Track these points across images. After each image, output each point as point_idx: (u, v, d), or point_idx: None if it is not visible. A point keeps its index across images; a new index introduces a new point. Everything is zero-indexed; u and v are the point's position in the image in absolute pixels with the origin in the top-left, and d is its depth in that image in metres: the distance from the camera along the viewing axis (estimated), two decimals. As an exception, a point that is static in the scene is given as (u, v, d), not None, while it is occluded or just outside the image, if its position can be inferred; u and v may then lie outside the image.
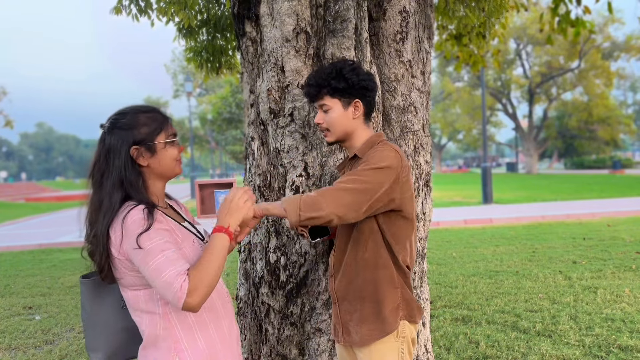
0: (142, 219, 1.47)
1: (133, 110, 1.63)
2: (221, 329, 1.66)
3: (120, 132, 1.57)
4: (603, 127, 37.23)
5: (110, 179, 1.55)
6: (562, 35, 4.59)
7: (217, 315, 1.66)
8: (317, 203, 1.71)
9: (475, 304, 4.96)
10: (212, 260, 1.47)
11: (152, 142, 1.60)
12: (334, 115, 1.89)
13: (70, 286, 6.61)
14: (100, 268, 1.55)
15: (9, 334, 4.70)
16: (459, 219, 11.56)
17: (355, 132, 1.93)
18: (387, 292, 1.88)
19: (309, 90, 1.93)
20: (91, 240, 1.55)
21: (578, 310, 4.62)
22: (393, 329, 1.87)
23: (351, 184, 1.75)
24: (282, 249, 2.51)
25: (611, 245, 7.68)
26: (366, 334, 1.88)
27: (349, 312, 1.94)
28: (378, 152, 1.83)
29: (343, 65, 1.89)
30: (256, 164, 2.68)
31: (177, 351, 1.56)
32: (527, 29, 34.98)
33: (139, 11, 4.73)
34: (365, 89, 1.89)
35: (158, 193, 1.67)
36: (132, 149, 1.57)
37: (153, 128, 1.61)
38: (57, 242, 11.02)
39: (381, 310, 1.87)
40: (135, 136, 1.58)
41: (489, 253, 7.67)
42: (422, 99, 2.74)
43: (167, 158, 1.63)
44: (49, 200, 31.15)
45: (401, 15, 2.62)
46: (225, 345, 1.66)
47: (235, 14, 2.67)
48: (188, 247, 1.59)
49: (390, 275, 1.89)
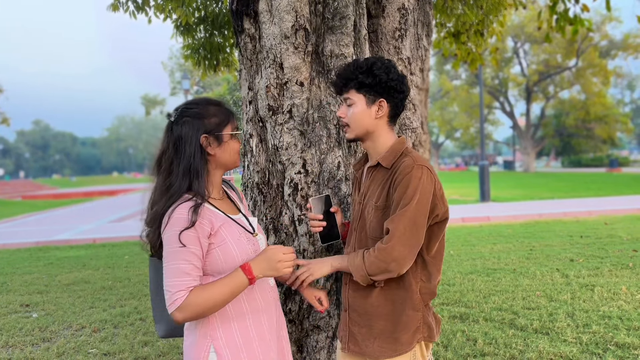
0: (186, 218, 1.55)
1: (203, 101, 1.72)
2: (259, 323, 1.71)
3: (191, 120, 1.65)
4: (600, 125, 37.30)
5: (182, 165, 1.63)
6: (560, 34, 4.59)
7: (257, 308, 1.71)
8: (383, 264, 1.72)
9: (472, 302, 4.97)
10: (222, 292, 1.54)
11: (220, 132, 1.68)
12: (356, 110, 1.82)
13: (67, 284, 6.60)
14: (153, 244, 1.68)
15: (6, 331, 4.69)
16: (457, 217, 11.57)
17: (377, 132, 1.84)
18: (406, 315, 1.79)
19: (336, 82, 1.86)
20: (149, 222, 1.66)
21: (575, 307, 4.63)
22: (407, 350, 1.78)
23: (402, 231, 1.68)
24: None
25: (608, 243, 7.70)
26: (377, 349, 1.80)
27: (358, 324, 1.86)
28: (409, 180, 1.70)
29: (375, 61, 1.80)
30: (254, 161, 2.67)
31: (213, 338, 1.62)
32: (525, 27, 35.01)
33: (137, 8, 4.72)
34: (394, 89, 1.80)
35: (216, 183, 1.74)
36: (202, 137, 1.65)
37: (221, 119, 1.69)
38: (54, 239, 10.99)
39: (396, 330, 1.79)
40: (206, 125, 1.66)
41: (487, 251, 7.68)
42: (420, 96, 2.74)
43: (231, 149, 1.71)
44: (46, 198, 31.07)
45: (400, 12, 2.62)
46: (262, 339, 1.70)
47: (234, 11, 2.66)
48: (234, 239, 1.65)
49: (413, 296, 1.79)
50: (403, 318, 1.79)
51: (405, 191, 1.70)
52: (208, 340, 1.62)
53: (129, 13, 4.71)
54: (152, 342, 4.28)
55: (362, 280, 1.77)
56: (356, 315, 1.87)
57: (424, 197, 1.69)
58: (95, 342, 4.34)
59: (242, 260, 1.64)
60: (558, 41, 31.00)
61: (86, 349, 4.18)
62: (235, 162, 1.74)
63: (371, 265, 1.72)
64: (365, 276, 1.75)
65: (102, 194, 32.61)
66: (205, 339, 1.62)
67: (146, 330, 4.59)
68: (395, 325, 1.79)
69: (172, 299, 1.50)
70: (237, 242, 1.66)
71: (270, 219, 2.54)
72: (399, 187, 1.72)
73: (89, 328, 4.72)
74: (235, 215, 1.76)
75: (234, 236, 1.66)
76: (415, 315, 1.80)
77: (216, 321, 1.63)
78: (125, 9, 4.68)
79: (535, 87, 39.41)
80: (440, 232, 1.81)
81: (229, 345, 1.62)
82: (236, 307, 1.66)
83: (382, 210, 1.79)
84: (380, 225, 1.79)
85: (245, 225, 1.76)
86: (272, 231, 2.54)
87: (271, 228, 2.54)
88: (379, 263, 1.71)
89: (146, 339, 4.35)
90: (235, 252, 1.63)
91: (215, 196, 1.73)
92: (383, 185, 1.80)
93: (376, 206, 1.80)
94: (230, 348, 1.62)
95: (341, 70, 1.86)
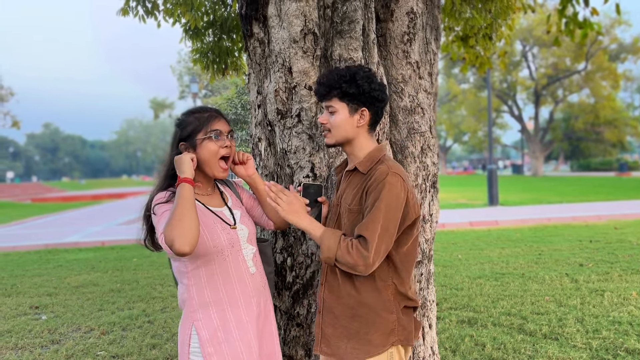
0: (163, 196, 1.85)
1: (188, 111, 1.96)
2: (237, 308, 1.88)
3: (175, 129, 1.95)
4: (610, 129, 37.07)
5: (165, 166, 1.95)
6: (570, 37, 4.56)
7: (234, 295, 1.89)
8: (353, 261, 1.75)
9: (481, 306, 4.94)
10: (176, 212, 1.68)
11: (193, 139, 1.90)
12: (338, 118, 1.86)
13: (76, 286, 6.64)
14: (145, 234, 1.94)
15: (16, 333, 4.72)
16: (465, 221, 11.53)
17: (357, 139, 1.90)
18: (380, 317, 1.82)
19: (319, 89, 1.90)
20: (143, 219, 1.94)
21: (585, 313, 4.59)
22: (379, 352, 1.81)
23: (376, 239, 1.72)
24: (289, 249, 2.51)
25: (618, 248, 7.64)
26: (349, 351, 1.82)
27: (333, 325, 1.88)
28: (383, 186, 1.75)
29: (357, 70, 1.85)
30: (263, 165, 2.68)
31: (194, 319, 1.84)
32: (533, 30, 34.90)
33: (146, 12, 4.75)
34: (375, 99, 1.85)
35: (202, 180, 1.97)
36: (180, 144, 1.92)
37: (195, 126, 1.90)
38: (63, 242, 11.06)
39: (369, 332, 1.81)
40: (182, 134, 1.92)
41: (495, 255, 7.64)
42: (429, 100, 2.73)
43: (205, 152, 1.90)
44: (55, 201, 31.30)
45: (409, 17, 2.62)
46: (239, 322, 1.87)
47: (243, 15, 2.68)
48: (206, 227, 1.85)
49: (387, 299, 1.83)
50: (377, 319, 1.82)
51: (378, 197, 1.74)
52: (190, 321, 1.85)
53: (139, 17, 4.74)
54: (160, 344, 4.29)
55: (325, 259, 1.81)
56: (332, 317, 1.89)
57: (396, 205, 1.75)
58: (104, 344, 4.36)
59: (214, 245, 1.84)
60: (567, 44, 30.83)
61: (94, 351, 4.20)
62: (211, 158, 1.90)
63: (343, 255, 1.75)
64: (332, 259, 1.79)
65: (111, 196, 32.77)
66: (189, 320, 1.85)
67: (154, 333, 4.60)
68: (369, 326, 1.82)
69: (164, 246, 1.69)
70: (209, 229, 1.85)
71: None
72: (372, 193, 1.77)
73: (98, 330, 4.74)
74: (219, 207, 1.96)
75: (208, 224, 1.86)
76: (389, 317, 1.83)
77: (196, 304, 1.85)
78: (134, 14, 4.71)
79: (544, 90, 39.23)
80: (410, 237, 1.86)
81: (206, 326, 1.83)
82: (214, 294, 1.86)
83: (356, 213, 1.84)
84: (352, 227, 1.83)
85: (224, 218, 1.94)
86: (280, 234, 2.55)
87: (279, 232, 2.55)
88: (351, 259, 1.74)
89: (154, 341, 4.36)
90: (206, 236, 1.83)
91: (201, 192, 1.96)
92: (358, 189, 1.85)
93: (349, 209, 1.86)
94: (208, 329, 1.82)
95: (324, 78, 1.89)
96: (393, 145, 2.63)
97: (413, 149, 2.61)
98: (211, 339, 1.81)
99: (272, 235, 2.58)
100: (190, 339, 1.82)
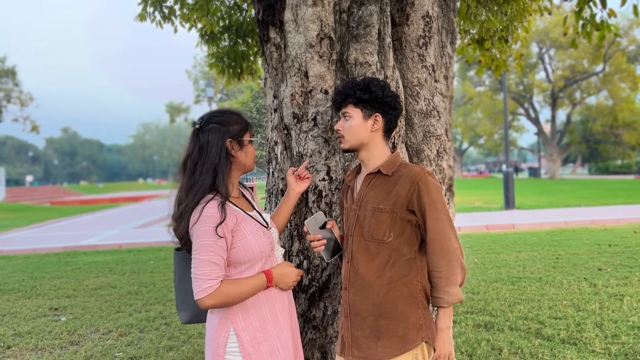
0: (216, 214, 1.76)
1: (226, 111, 1.97)
2: (273, 307, 1.92)
3: (218, 127, 1.88)
4: (629, 131, 36.52)
5: (205, 165, 1.85)
6: (587, 39, 4.52)
7: (271, 296, 1.91)
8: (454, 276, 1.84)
9: (497, 310, 4.91)
10: (247, 289, 1.81)
11: (242, 137, 1.93)
12: (353, 123, 1.95)
13: (95, 288, 6.72)
14: (181, 237, 1.85)
15: (35, 334, 4.80)
16: (481, 225, 11.44)
17: (372, 144, 1.97)
18: (409, 312, 1.86)
19: (336, 98, 2.02)
20: (177, 217, 1.86)
21: (604, 317, 4.54)
22: (412, 347, 1.83)
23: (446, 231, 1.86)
24: (305, 252, 2.53)
25: (637, 252, 7.52)
26: (380, 350, 1.84)
27: (361, 327, 1.90)
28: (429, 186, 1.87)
29: (372, 80, 1.96)
30: (279, 168, 2.70)
31: (232, 322, 1.84)
32: (550, 32, 34.58)
33: (163, 18, 4.82)
34: (388, 105, 1.95)
35: (234, 183, 1.97)
36: (227, 141, 1.88)
37: (242, 126, 1.94)
38: (82, 245, 11.21)
39: (401, 327, 1.85)
40: (230, 131, 1.90)
41: (511, 259, 7.58)
42: (445, 103, 2.73)
43: (250, 153, 1.96)
44: (74, 204, 31.73)
45: (424, 20, 2.63)
46: (276, 321, 1.91)
47: (260, 20, 2.70)
48: (252, 233, 1.86)
49: (415, 295, 1.88)
50: (408, 315, 1.86)
51: (430, 196, 1.85)
52: (228, 323, 1.84)
53: (156, 23, 4.81)
54: (177, 346, 4.33)
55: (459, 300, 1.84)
56: (359, 319, 1.91)
57: (443, 199, 1.88)
58: (122, 346, 4.41)
59: (259, 251, 1.86)
60: (584, 46, 30.51)
61: (113, 353, 4.25)
62: (252, 164, 1.98)
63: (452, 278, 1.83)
64: (459, 294, 1.84)
65: (128, 200, 33.14)
66: (227, 321, 1.84)
67: (171, 335, 4.65)
68: (399, 323, 1.85)
69: (203, 287, 1.71)
70: (255, 235, 1.86)
71: (295, 225, 2.56)
72: (422, 194, 1.85)
73: (116, 332, 4.79)
74: (251, 212, 1.96)
75: (252, 230, 1.87)
76: (417, 312, 1.87)
77: (236, 307, 1.85)
78: (152, 19, 4.78)
79: (560, 92, 38.81)
80: None
81: (246, 328, 1.84)
82: (254, 296, 1.88)
83: (388, 212, 1.88)
84: (379, 226, 1.88)
85: (260, 221, 1.95)
86: (297, 237, 2.56)
87: (295, 235, 2.56)
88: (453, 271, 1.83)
89: (171, 343, 4.40)
90: (253, 244, 1.84)
91: (234, 195, 1.95)
92: (386, 190, 1.90)
93: (379, 209, 1.89)
94: (248, 330, 1.84)
95: (340, 88, 2.02)
96: (409, 148, 2.64)
97: (429, 152, 2.62)
98: (251, 340, 1.84)
99: (289, 238, 2.60)
100: (227, 339, 1.84)
